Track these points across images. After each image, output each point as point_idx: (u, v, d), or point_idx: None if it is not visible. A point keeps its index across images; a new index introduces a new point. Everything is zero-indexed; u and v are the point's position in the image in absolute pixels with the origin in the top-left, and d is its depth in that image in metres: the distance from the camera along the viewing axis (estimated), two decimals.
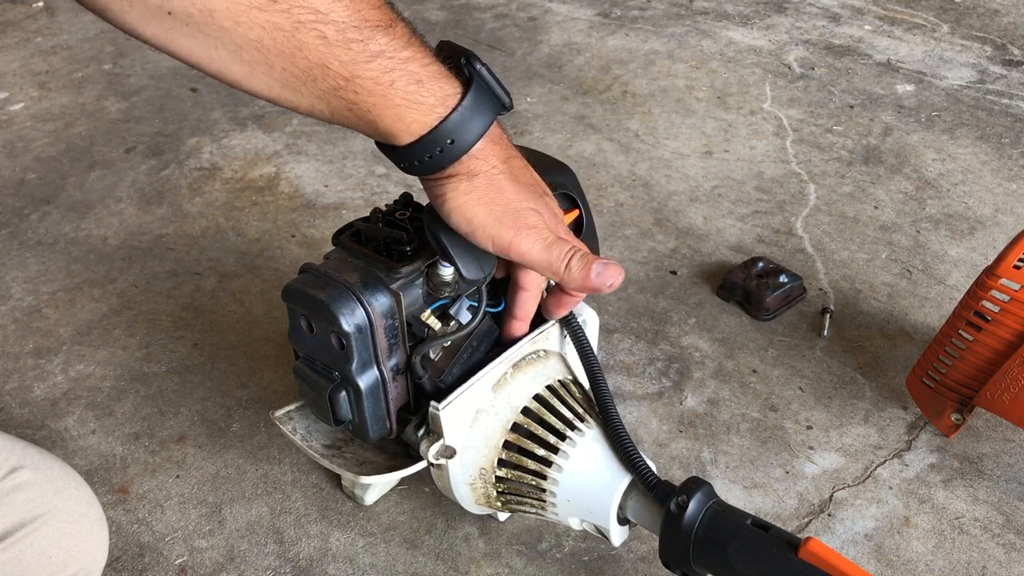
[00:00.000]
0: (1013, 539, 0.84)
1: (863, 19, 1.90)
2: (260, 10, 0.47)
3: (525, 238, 0.59)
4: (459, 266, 0.63)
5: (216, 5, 0.47)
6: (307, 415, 0.79)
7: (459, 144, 0.55)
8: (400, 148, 0.56)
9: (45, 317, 1.14)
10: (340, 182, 1.39)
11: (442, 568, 0.82)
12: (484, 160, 0.57)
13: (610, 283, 0.60)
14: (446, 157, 0.56)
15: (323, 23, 0.49)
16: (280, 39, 0.49)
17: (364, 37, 0.50)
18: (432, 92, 0.54)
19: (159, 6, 0.46)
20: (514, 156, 0.60)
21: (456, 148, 0.55)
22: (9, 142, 1.53)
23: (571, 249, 0.60)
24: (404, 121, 0.54)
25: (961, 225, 1.26)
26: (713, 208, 1.31)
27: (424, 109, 0.54)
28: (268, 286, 1.18)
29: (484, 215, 0.58)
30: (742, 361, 1.04)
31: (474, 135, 0.56)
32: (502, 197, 0.58)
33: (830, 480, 0.90)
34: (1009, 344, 0.82)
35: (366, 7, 0.50)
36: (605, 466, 0.70)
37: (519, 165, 0.60)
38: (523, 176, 0.60)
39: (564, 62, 1.75)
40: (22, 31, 1.95)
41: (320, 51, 0.50)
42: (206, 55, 0.49)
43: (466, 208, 0.58)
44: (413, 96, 0.53)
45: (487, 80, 0.56)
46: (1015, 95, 1.59)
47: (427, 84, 0.53)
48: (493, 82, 0.57)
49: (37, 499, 0.67)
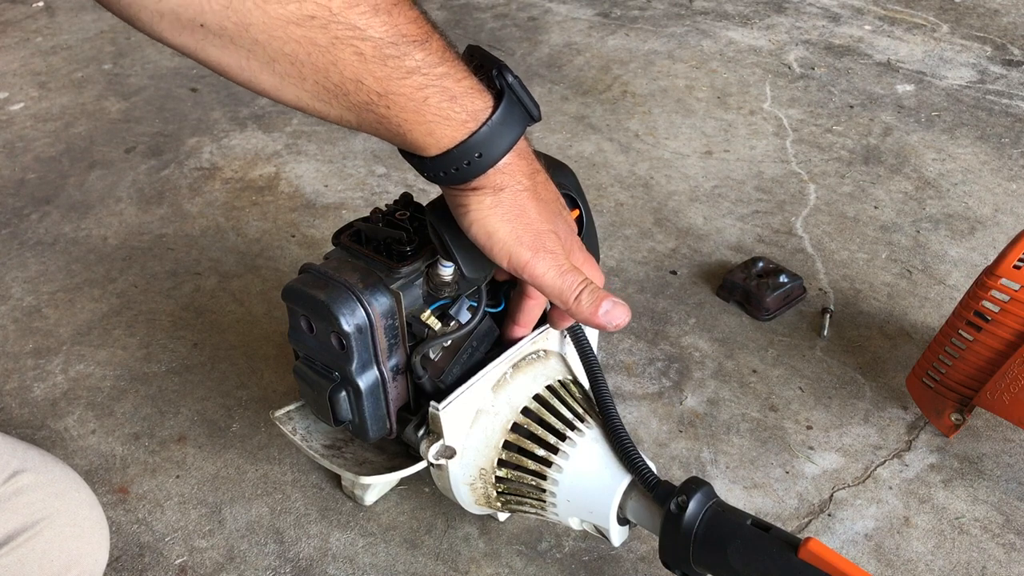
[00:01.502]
0: (1013, 539, 0.84)
1: (863, 19, 1.90)
2: (297, 25, 0.46)
3: (541, 261, 0.58)
4: (460, 264, 0.63)
5: (252, 19, 0.46)
6: (307, 415, 0.79)
7: (487, 158, 0.55)
8: (427, 159, 0.55)
9: (45, 317, 1.14)
10: (340, 182, 1.39)
11: (442, 568, 0.82)
12: (510, 175, 0.56)
13: (616, 323, 0.60)
14: (473, 170, 0.55)
15: (360, 39, 0.48)
16: (315, 54, 0.48)
17: (400, 53, 0.49)
18: (464, 108, 0.53)
19: (191, 19, 0.45)
20: (538, 171, 0.59)
21: (484, 162, 0.55)
22: (9, 142, 1.53)
23: (583, 281, 0.60)
24: (434, 136, 0.53)
25: (961, 225, 1.26)
26: (713, 208, 1.31)
27: (455, 124, 0.53)
28: (268, 286, 1.18)
29: (505, 232, 0.57)
30: (742, 361, 1.04)
31: (502, 150, 0.55)
32: (524, 216, 0.57)
33: (830, 480, 0.90)
34: (1009, 344, 0.82)
35: (403, 21, 0.49)
36: (605, 466, 0.70)
37: (542, 180, 0.60)
38: (546, 193, 0.60)
39: (564, 62, 1.75)
40: (22, 31, 1.95)
41: (355, 67, 0.49)
42: (236, 65, 0.49)
43: (488, 223, 0.57)
44: (446, 112, 0.52)
45: (518, 93, 0.55)
46: (1015, 95, 1.59)
47: (460, 100, 0.53)
48: (524, 94, 0.56)
49: (39, 503, 0.67)
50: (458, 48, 0.54)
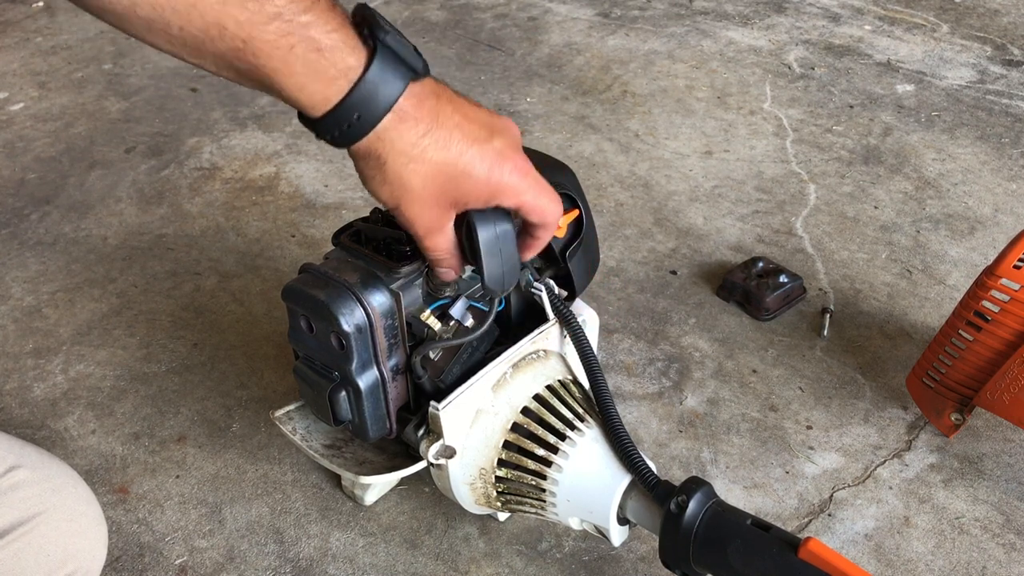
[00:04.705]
0: (1013, 539, 0.84)
1: (863, 19, 1.90)
2: None
3: (429, 238, 0.59)
4: (484, 272, 0.62)
5: None
6: (307, 415, 0.79)
7: (364, 121, 0.51)
8: (312, 122, 0.53)
9: (45, 317, 1.14)
10: (340, 182, 1.39)
11: (442, 568, 0.82)
12: (390, 144, 0.53)
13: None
14: (352, 134, 0.52)
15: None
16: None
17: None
18: (333, 63, 0.50)
19: None
20: (431, 130, 0.53)
21: (363, 125, 0.52)
22: (9, 142, 1.53)
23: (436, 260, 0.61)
24: (306, 92, 0.51)
25: (961, 225, 1.26)
26: (713, 208, 1.31)
27: (325, 80, 0.50)
28: (268, 286, 1.18)
29: (397, 209, 0.57)
30: (742, 361, 1.04)
31: (380, 111, 0.51)
32: (408, 192, 0.55)
33: (830, 480, 0.89)
34: (1009, 344, 0.82)
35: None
36: (605, 466, 0.69)
37: (438, 140, 0.54)
38: (441, 153, 0.55)
39: (564, 62, 1.75)
40: (22, 31, 1.95)
41: (215, 9, 0.47)
42: (109, 6, 0.47)
43: (380, 195, 0.56)
44: (313, 66, 0.49)
45: (394, 47, 0.51)
46: (1015, 95, 1.59)
47: (327, 54, 0.49)
48: (403, 49, 0.52)
49: (35, 497, 0.67)
50: (344, 7, 0.51)
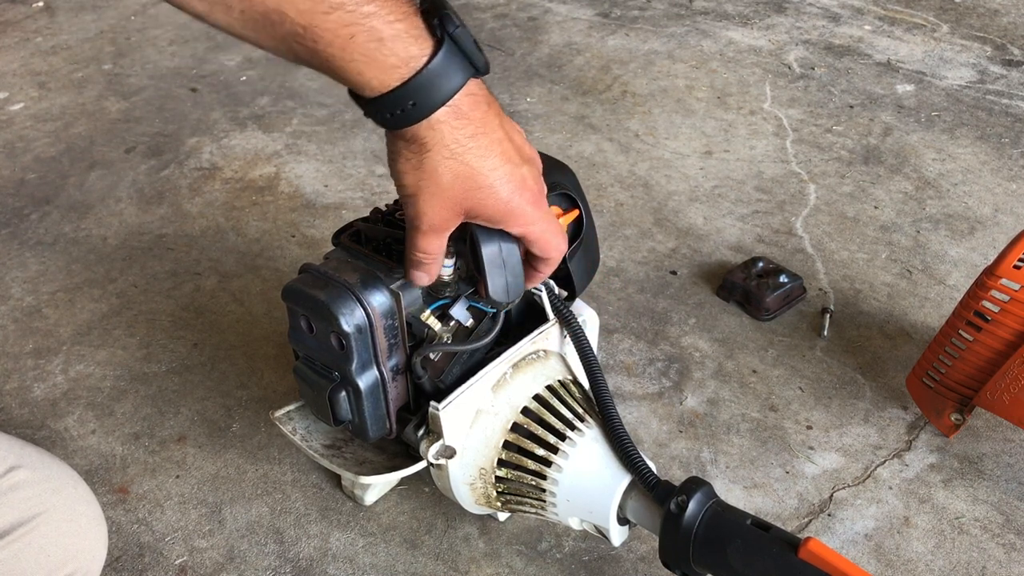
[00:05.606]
0: (1013, 539, 0.84)
1: (863, 19, 1.90)
2: None
3: (423, 240, 0.59)
4: (488, 284, 0.62)
5: None
6: (307, 415, 0.79)
7: (420, 108, 0.53)
8: (366, 101, 0.54)
9: (45, 317, 1.14)
10: (340, 182, 1.39)
11: (442, 568, 0.82)
12: (439, 136, 0.54)
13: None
14: (405, 119, 0.53)
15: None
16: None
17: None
18: (394, 52, 0.51)
19: None
20: (477, 134, 0.55)
21: (416, 112, 0.53)
22: (9, 142, 1.53)
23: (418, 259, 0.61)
24: (364, 77, 0.52)
25: (961, 225, 1.26)
26: (713, 208, 1.31)
27: (385, 68, 0.51)
28: (268, 286, 1.18)
29: (414, 199, 0.57)
30: (742, 361, 1.04)
31: (437, 101, 0.53)
32: (438, 189, 0.56)
33: (830, 480, 0.89)
34: (1009, 344, 0.82)
35: None
36: (605, 466, 0.69)
37: (480, 147, 0.56)
38: (478, 162, 0.56)
39: (564, 62, 1.75)
40: (22, 31, 1.95)
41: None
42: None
43: (406, 183, 0.56)
44: (372, 54, 0.50)
45: (460, 42, 0.53)
46: (1015, 95, 1.59)
47: (388, 43, 0.50)
48: (468, 45, 0.53)
49: (35, 498, 0.67)
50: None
